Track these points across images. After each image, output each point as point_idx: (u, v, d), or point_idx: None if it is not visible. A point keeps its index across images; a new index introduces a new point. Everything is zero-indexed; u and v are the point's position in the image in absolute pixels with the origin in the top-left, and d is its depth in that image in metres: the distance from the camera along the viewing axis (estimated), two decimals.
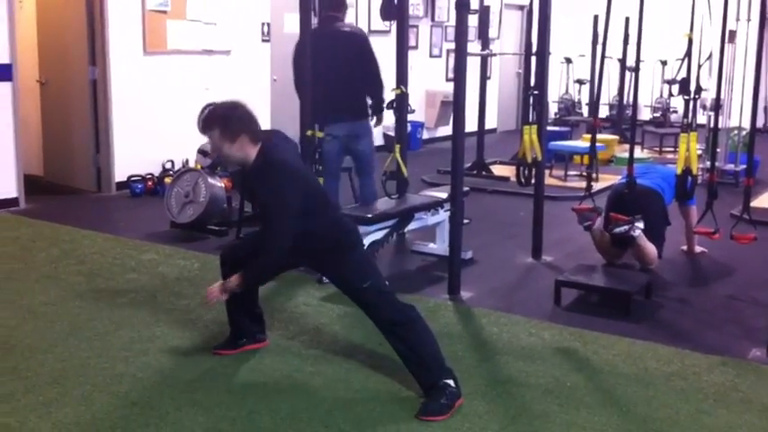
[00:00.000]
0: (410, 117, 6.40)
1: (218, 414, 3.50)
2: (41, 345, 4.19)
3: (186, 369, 3.95)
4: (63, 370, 3.89)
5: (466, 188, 5.53)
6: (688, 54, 5.79)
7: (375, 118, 6.14)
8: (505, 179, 8.86)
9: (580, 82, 14.29)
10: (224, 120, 3.61)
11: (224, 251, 4.20)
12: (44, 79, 8.29)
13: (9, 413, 3.44)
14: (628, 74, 11.22)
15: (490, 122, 11.89)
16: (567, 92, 14.56)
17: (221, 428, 3.38)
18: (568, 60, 14.48)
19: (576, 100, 14.58)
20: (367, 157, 6.19)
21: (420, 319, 3.75)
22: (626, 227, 5.51)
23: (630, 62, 10.22)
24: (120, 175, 8.04)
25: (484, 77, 9.57)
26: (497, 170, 9.45)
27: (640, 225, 5.51)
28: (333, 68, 5.71)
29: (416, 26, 11.47)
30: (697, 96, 5.82)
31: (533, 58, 5.94)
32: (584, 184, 6.33)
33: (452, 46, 7.38)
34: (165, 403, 3.58)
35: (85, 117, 7.99)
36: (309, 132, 5.63)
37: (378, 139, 10.86)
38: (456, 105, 5.02)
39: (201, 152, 4.08)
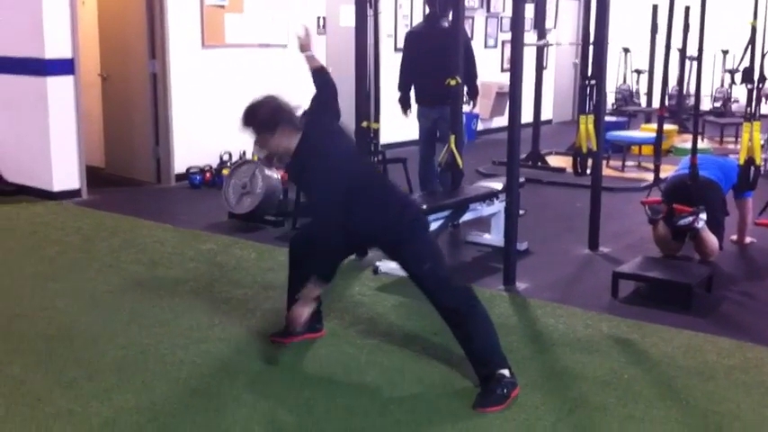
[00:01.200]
0: (465, 108, 6.38)
1: (275, 402, 3.55)
2: (103, 332, 4.29)
3: (244, 357, 4.01)
4: (124, 357, 3.98)
5: (521, 179, 5.49)
6: (752, 42, 5.65)
7: (471, 103, 7.09)
8: (561, 170, 8.77)
9: (638, 72, 14.05)
10: (258, 115, 3.61)
11: (292, 239, 4.21)
12: (105, 73, 8.46)
13: (72, 399, 3.53)
14: (688, 63, 10.99)
15: (546, 113, 11.78)
16: (624, 82, 14.34)
17: (278, 416, 3.43)
18: (626, 50, 14.25)
19: (634, 90, 14.35)
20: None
21: (479, 308, 3.72)
22: (690, 218, 5.41)
23: (691, 52, 10.02)
24: (179, 166, 8.17)
25: (540, 68, 9.48)
26: (553, 161, 9.37)
27: (704, 216, 5.42)
28: (436, 61, 6.31)
29: (472, 17, 11.39)
30: (760, 85, 5.68)
31: (591, 48, 5.86)
32: (641, 175, 6.24)
33: (508, 36, 7.30)
34: (223, 391, 3.64)
35: (146, 110, 8.14)
36: (364, 123, 5.66)
37: None
38: (512, 96, 4.99)
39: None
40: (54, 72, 7.25)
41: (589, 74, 5.80)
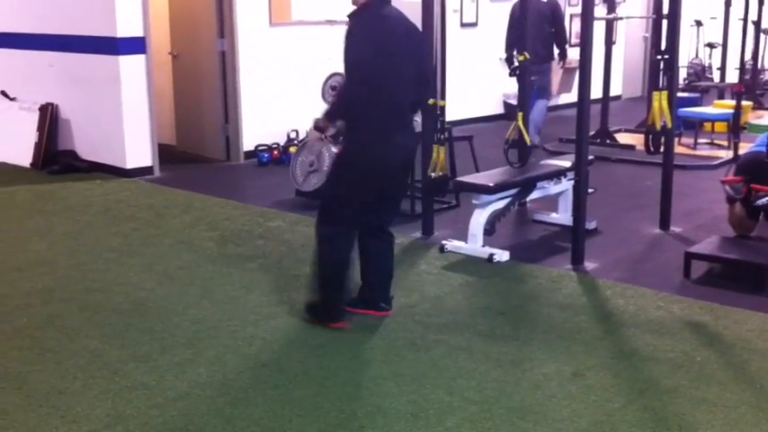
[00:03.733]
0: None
1: (344, 378, 3.60)
2: (176, 307, 4.39)
3: (313, 333, 4.06)
4: (196, 332, 4.08)
5: (590, 157, 5.41)
6: None
7: (562, 61, 9.06)
8: (631, 147, 8.60)
9: (711, 46, 13.65)
10: None
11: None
12: (176, 52, 8.59)
13: (147, 372, 3.64)
14: (763, 37, 10.64)
15: (615, 89, 11.54)
16: (696, 56, 13.96)
17: (348, 391, 3.47)
18: (698, 23, 13.84)
19: (707, 64, 13.95)
20: (544, 87, 8.77)
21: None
22: None
23: (766, 24, 9.70)
24: (247, 144, 8.27)
25: (609, 42, 9.28)
26: (622, 138, 9.18)
27: None
28: (534, 26, 7.48)
29: None
30: None
31: (663, 22, 5.72)
32: (714, 153, 6.07)
33: (576, 10, 7.16)
34: (293, 366, 3.70)
35: (215, 88, 8.25)
36: (431, 101, 5.63)
37: (499, 107, 10.82)
38: (582, 72, 4.91)
39: (317, 128, 4.21)
40: (126, 51, 7.39)
41: (662, 48, 5.67)
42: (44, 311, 4.35)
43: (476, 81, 10.43)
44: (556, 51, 8.86)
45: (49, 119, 7.95)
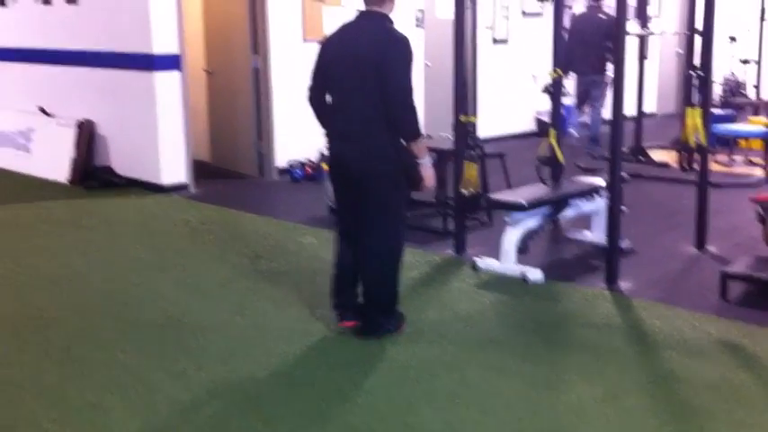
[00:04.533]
0: (564, 101, 6.29)
1: (376, 396, 3.60)
2: (210, 323, 4.43)
3: (346, 351, 4.07)
4: (230, 349, 4.11)
5: (624, 174, 5.38)
6: None
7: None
8: (665, 165, 8.53)
9: (746, 62, 13.51)
10: None
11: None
12: (210, 68, 8.69)
13: (182, 390, 3.66)
14: None
15: (649, 105, 11.47)
16: (731, 72, 13.82)
17: (380, 410, 3.47)
18: (733, 39, 13.70)
19: (742, 81, 13.81)
20: (598, 97, 9.50)
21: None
22: None
23: None
24: (280, 160, 8.33)
25: (642, 58, 9.24)
26: (656, 155, 9.12)
27: None
28: (590, 41, 8.78)
29: (569, 6, 11.19)
30: None
31: (697, 37, 5.68)
32: (750, 170, 6.00)
33: None
34: (326, 384, 3.71)
35: (248, 105, 8.32)
36: (462, 117, 5.65)
37: (531, 124, 10.80)
38: (615, 88, 4.88)
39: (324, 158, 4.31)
40: (161, 67, 7.49)
41: (695, 64, 5.63)
42: (79, 325, 4.40)
43: (508, 97, 10.43)
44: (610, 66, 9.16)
45: (87, 135, 8.08)
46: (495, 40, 10.30)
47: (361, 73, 3.95)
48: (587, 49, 9.13)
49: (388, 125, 3.95)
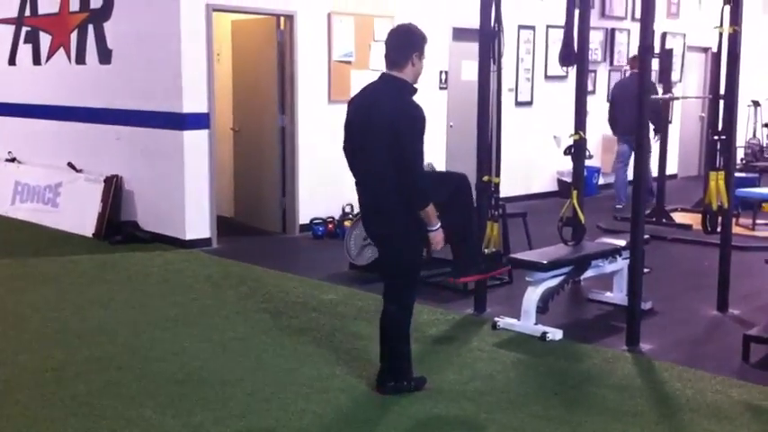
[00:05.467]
0: (587, 162, 6.33)
1: None
2: (230, 378, 4.44)
3: (364, 408, 4.06)
4: (249, 404, 4.11)
5: (646, 236, 5.38)
6: None
7: (656, 135, 9.29)
8: (688, 227, 8.51)
9: None
10: (418, 32, 4.30)
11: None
12: (237, 127, 8.85)
13: None
14: None
15: (671, 168, 11.48)
16: (754, 136, 13.84)
17: None
18: (756, 103, 13.77)
19: (765, 144, 13.82)
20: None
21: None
22: None
23: None
24: (303, 217, 8.41)
25: (665, 121, 9.29)
26: (679, 217, 9.10)
27: None
28: (631, 102, 8.59)
29: (594, 71, 11.32)
30: None
31: (720, 102, 5.72)
32: None
33: None
34: None
35: (274, 162, 8.45)
36: (486, 178, 5.70)
37: (553, 184, 10.85)
38: (638, 150, 4.92)
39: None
40: (191, 126, 7.64)
41: (718, 128, 5.67)
42: (102, 379, 4.43)
43: (530, 158, 10.51)
44: (651, 127, 9.05)
45: (114, 190, 8.21)
46: (518, 103, 10.42)
47: (373, 137, 4.07)
48: (626, 113, 9.23)
49: (398, 188, 4.04)
